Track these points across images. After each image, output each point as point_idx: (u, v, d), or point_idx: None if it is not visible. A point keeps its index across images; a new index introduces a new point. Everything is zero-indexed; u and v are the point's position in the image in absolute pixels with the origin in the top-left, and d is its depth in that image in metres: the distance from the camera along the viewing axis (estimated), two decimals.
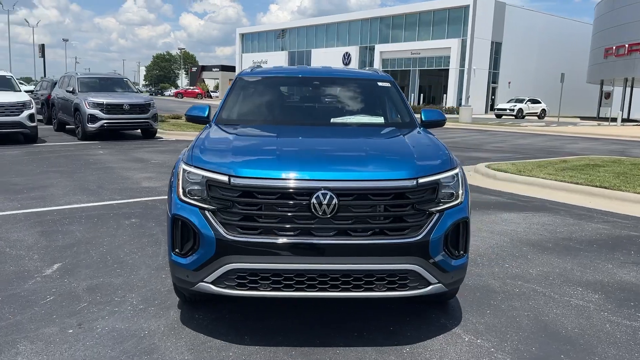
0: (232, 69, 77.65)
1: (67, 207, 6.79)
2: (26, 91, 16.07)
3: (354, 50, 57.04)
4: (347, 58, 57.57)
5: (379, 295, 3.14)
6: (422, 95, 51.81)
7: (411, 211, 3.13)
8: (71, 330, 3.43)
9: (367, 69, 5.38)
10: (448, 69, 48.69)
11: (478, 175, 10.03)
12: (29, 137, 13.93)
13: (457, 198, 3.31)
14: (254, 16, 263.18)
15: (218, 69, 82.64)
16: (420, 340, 3.40)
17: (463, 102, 31.60)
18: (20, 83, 20.34)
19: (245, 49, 73.24)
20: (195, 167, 3.26)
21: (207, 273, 3.11)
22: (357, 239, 3.06)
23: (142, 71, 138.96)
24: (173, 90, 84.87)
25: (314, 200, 3.00)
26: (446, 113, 40.68)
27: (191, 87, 77.36)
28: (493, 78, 50.42)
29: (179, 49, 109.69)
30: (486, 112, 48.55)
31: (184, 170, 3.29)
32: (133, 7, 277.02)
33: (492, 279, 4.55)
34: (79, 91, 15.40)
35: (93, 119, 14.56)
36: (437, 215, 3.18)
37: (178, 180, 3.30)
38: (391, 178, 3.13)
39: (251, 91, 4.81)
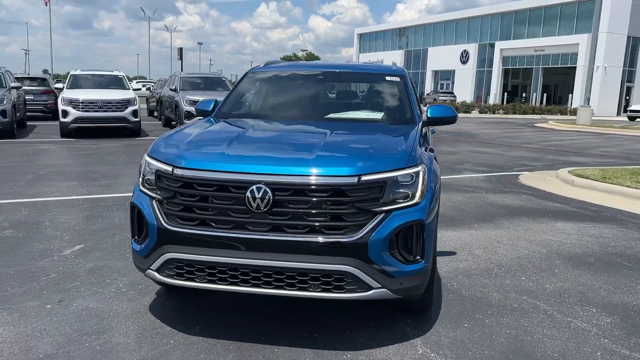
0: None
1: (123, 195, 7.32)
2: (134, 89, 17.47)
3: (472, 48, 54.87)
4: (464, 56, 55.57)
5: (314, 296, 3.02)
6: (545, 95, 48.49)
7: (351, 210, 2.97)
8: (49, 306, 3.71)
9: (392, 64, 5.16)
10: (575, 67, 45.07)
11: (557, 181, 9.21)
12: (133, 131, 15.20)
13: (411, 199, 3.09)
14: (380, 16, 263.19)
15: None
16: (369, 347, 3.22)
17: (583, 103, 28.93)
18: (143, 81, 22.27)
19: (363, 49, 73.53)
20: (151, 157, 3.37)
21: (152, 261, 3.20)
22: (291, 235, 2.96)
23: None
24: None
25: (248, 194, 2.96)
26: (570, 115, 37.73)
27: None
28: (628, 77, 45.79)
29: (301, 50, 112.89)
30: (618, 114, 44.25)
31: (145, 161, 3.41)
32: (266, 11, 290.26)
33: (495, 291, 4.17)
34: (180, 89, 16.50)
35: (190, 115, 15.51)
36: (382, 215, 2.99)
37: (140, 170, 3.43)
38: (330, 174, 2.98)
39: (257, 86, 4.85)
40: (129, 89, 16.05)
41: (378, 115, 4.43)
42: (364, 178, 2.98)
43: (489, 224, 6.28)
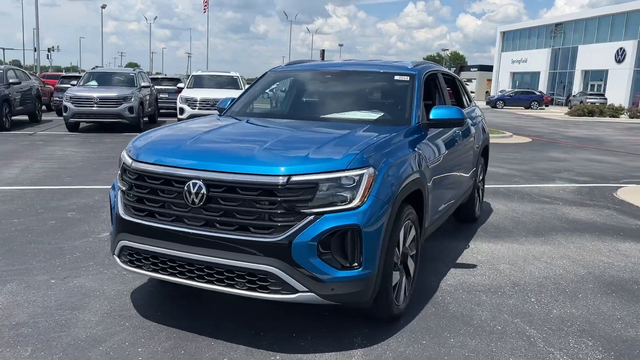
0: (489, 68, 74.97)
1: None
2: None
3: (630, 45, 49.33)
4: (620, 54, 50.20)
5: (240, 293, 3.05)
6: None
7: (280, 210, 2.94)
8: (53, 281, 4.15)
9: (410, 62, 4.90)
10: None
11: None
12: None
13: (349, 202, 2.98)
14: (536, 12, 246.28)
15: (476, 69, 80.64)
16: (305, 352, 3.15)
17: None
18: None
19: (505, 48, 69.83)
20: (125, 151, 3.62)
21: (114, 246, 3.45)
22: (222, 232, 3.02)
23: None
24: None
25: (186, 188, 3.08)
26: None
27: None
28: None
29: (442, 49, 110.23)
30: None
31: (122, 155, 3.68)
32: (413, 11, 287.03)
33: (488, 310, 3.82)
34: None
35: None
36: (312, 218, 2.92)
37: (120, 163, 3.71)
38: (259, 173, 2.98)
39: (270, 85, 4.93)
40: (242, 89, 17.01)
41: (374, 116, 4.27)
42: (293, 178, 2.94)
43: (540, 238, 5.71)
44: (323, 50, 52.76)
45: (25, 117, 17.19)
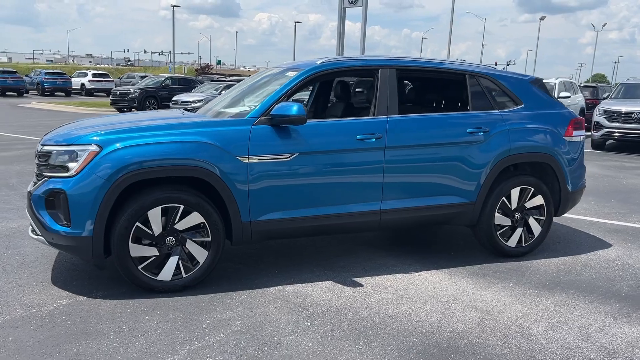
0: None
1: None
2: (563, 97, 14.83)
3: None
4: None
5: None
6: None
7: (42, 170, 3.64)
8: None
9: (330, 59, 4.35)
10: None
11: None
12: None
13: (66, 171, 3.49)
14: None
15: None
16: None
17: None
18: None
19: None
20: None
21: None
22: None
23: None
24: None
25: None
26: None
27: None
28: None
29: None
30: None
31: None
32: None
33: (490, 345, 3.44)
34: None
35: (598, 126, 13.21)
36: (44, 179, 3.57)
37: None
38: (43, 144, 3.72)
39: None
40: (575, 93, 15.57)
41: (243, 109, 4.13)
42: (42, 147, 3.67)
43: None
44: None
45: None
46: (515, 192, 4.54)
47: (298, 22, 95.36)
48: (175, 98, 18.33)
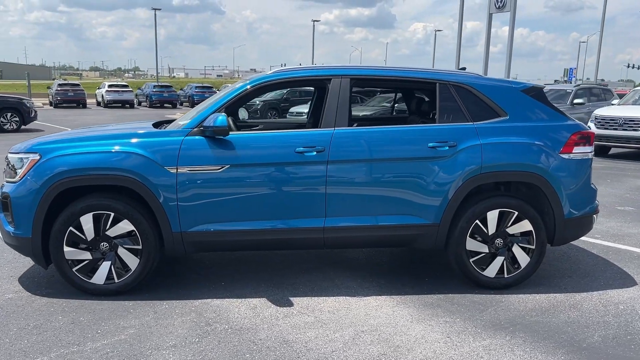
0: None
1: None
2: None
3: None
4: None
5: None
6: None
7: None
8: None
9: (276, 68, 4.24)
10: None
11: None
12: None
13: (14, 177, 3.84)
14: None
15: None
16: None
17: None
18: None
19: None
20: None
21: None
22: None
23: None
24: None
25: None
26: None
27: None
28: None
29: None
30: None
31: None
32: None
33: None
34: None
35: None
36: (4, 183, 3.93)
37: None
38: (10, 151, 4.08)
39: None
40: None
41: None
42: (7, 155, 4.01)
43: None
44: None
45: None
46: (492, 215, 3.99)
47: (438, 30, 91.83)
48: (291, 109, 19.23)
